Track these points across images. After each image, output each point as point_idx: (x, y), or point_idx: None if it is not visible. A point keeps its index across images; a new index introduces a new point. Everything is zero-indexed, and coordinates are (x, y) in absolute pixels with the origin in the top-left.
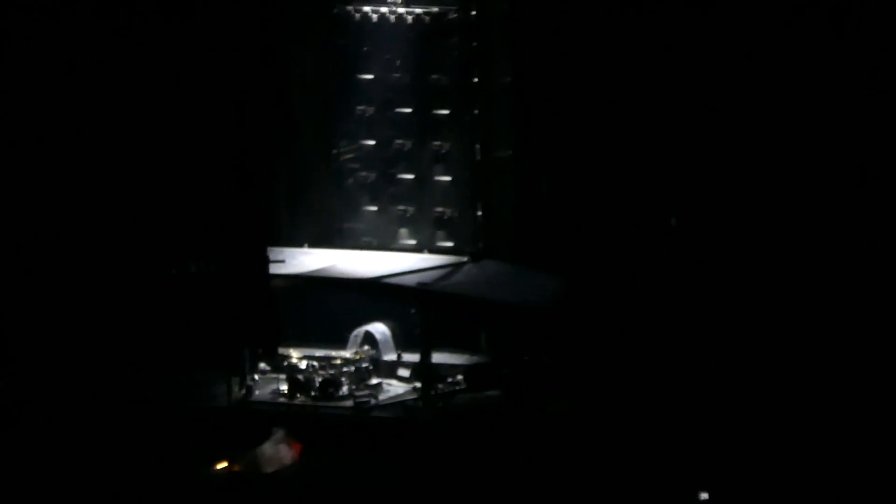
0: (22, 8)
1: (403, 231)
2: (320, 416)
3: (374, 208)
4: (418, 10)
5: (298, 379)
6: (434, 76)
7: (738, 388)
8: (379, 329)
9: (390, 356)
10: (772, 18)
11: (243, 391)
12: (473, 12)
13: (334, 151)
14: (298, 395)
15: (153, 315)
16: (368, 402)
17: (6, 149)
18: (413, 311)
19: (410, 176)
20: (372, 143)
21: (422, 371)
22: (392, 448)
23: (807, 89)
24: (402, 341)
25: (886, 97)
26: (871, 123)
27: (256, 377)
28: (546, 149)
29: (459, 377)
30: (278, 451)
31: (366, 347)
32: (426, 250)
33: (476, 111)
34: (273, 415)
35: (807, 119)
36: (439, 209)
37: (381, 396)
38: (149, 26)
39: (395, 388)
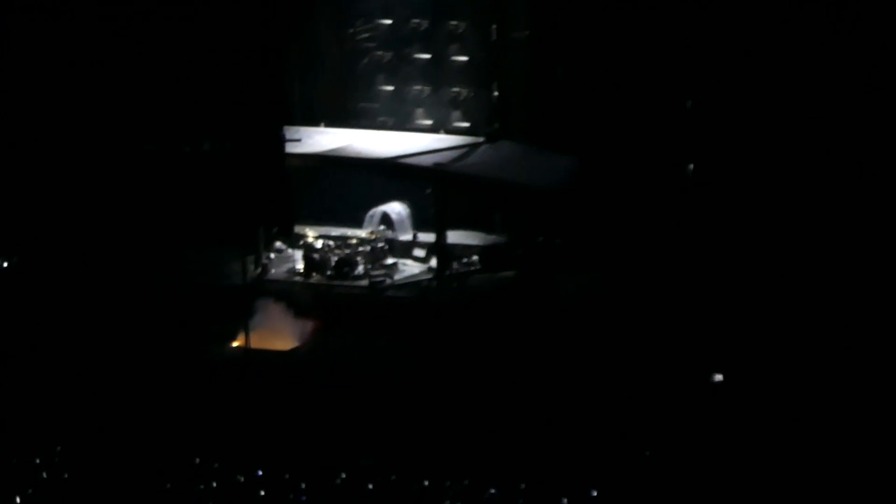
0: None
1: (419, 111)
2: (336, 295)
3: (389, 88)
4: None
5: (314, 258)
6: None
7: (752, 266)
8: (395, 209)
9: (406, 236)
10: None
11: (259, 270)
12: None
13: (350, 30)
14: (314, 274)
15: (168, 192)
16: (384, 281)
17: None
18: (428, 191)
19: (426, 56)
20: (388, 22)
21: (437, 251)
22: (407, 327)
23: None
24: (418, 221)
25: None
26: None
27: (272, 256)
28: (562, 29)
29: (474, 257)
30: (290, 328)
31: (381, 227)
32: (442, 131)
33: None
34: (288, 293)
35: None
36: (455, 89)
37: (397, 276)
38: None
39: (410, 268)
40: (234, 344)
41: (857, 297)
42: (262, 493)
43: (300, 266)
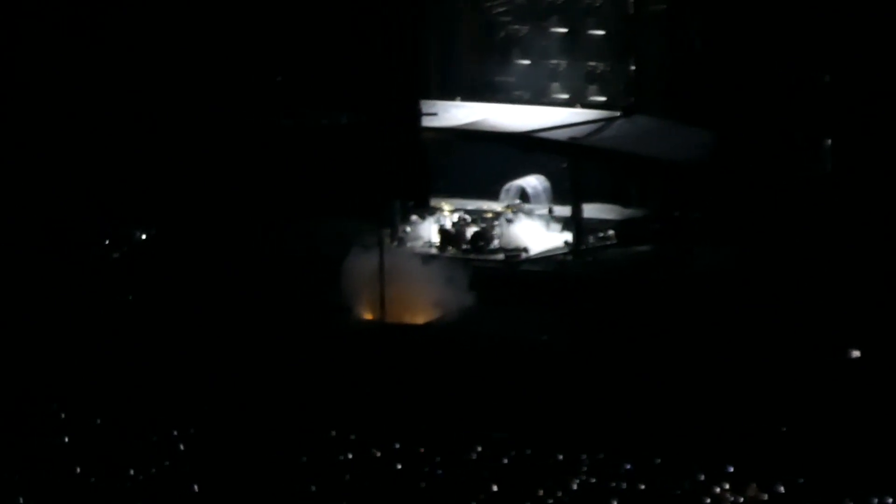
0: None
1: (555, 85)
2: (471, 268)
3: (526, 62)
4: None
5: (449, 231)
6: None
7: (891, 242)
8: (531, 183)
9: (541, 210)
10: None
11: (395, 242)
12: None
13: (487, 4)
14: (449, 248)
15: (305, 166)
16: (519, 255)
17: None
18: (564, 165)
19: (563, 29)
20: None
21: (572, 225)
22: (542, 301)
23: None
24: (553, 195)
25: None
26: None
27: (408, 228)
28: (700, 2)
29: (610, 232)
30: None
31: (517, 201)
32: (578, 105)
33: None
34: (424, 266)
35: None
36: (591, 63)
37: (532, 250)
38: None
39: (546, 242)
40: (369, 316)
41: None
42: (398, 466)
43: (436, 239)
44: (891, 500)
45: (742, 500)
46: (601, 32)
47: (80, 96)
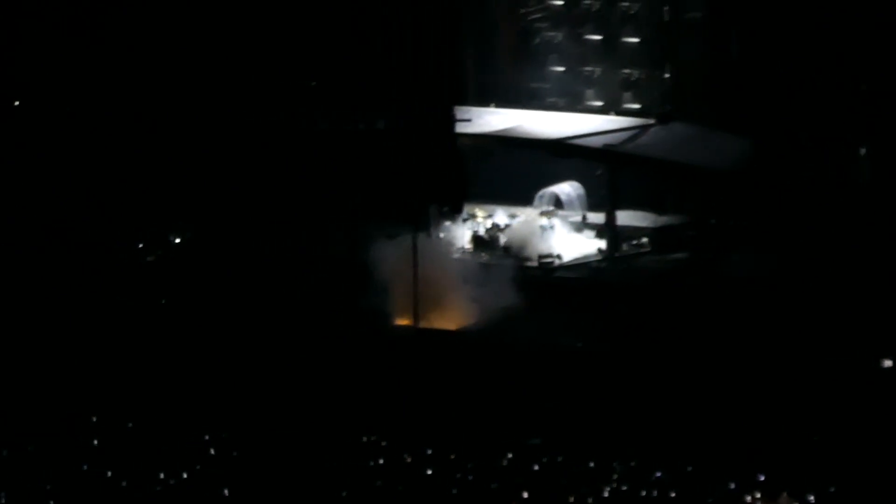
0: None
1: (590, 92)
2: (504, 273)
3: (561, 69)
4: None
5: (483, 237)
6: None
7: None
8: (565, 190)
9: (576, 217)
10: None
11: (430, 247)
12: None
13: (522, 11)
14: (483, 253)
15: (341, 170)
16: (552, 262)
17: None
18: (599, 172)
19: (598, 36)
20: (560, 2)
21: (606, 232)
22: (576, 307)
23: None
24: (588, 202)
25: None
26: None
27: (442, 234)
28: (736, 10)
29: (644, 239)
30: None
31: (551, 208)
32: (613, 112)
33: None
34: (457, 271)
35: None
36: (626, 70)
37: (566, 257)
38: None
39: (579, 249)
40: (403, 322)
41: None
42: (429, 472)
43: (469, 245)
44: None
45: None
46: (636, 40)
47: (112, 102)
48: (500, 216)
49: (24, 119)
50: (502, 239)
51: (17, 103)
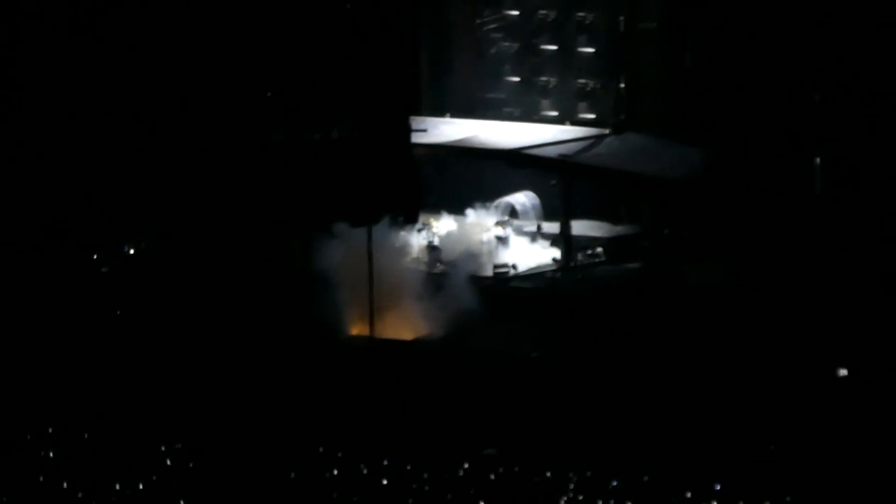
0: None
1: (545, 102)
2: (459, 283)
3: (516, 79)
4: None
5: (438, 246)
6: None
7: (880, 259)
8: (520, 199)
9: (531, 227)
10: None
11: (384, 257)
12: None
13: (478, 21)
14: (438, 263)
15: (295, 180)
16: (508, 271)
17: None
18: (554, 182)
19: (553, 47)
20: (515, 12)
21: (562, 242)
22: (531, 317)
23: None
24: (543, 212)
25: None
26: None
27: (396, 244)
28: (691, 21)
29: (599, 249)
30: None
31: (506, 217)
32: (568, 122)
33: None
34: (412, 281)
35: None
36: (582, 81)
37: (521, 267)
38: None
39: (534, 259)
40: (358, 332)
41: None
42: (385, 482)
43: (424, 254)
44: None
45: None
46: (592, 50)
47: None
48: (455, 226)
49: None
50: (457, 249)
51: None
